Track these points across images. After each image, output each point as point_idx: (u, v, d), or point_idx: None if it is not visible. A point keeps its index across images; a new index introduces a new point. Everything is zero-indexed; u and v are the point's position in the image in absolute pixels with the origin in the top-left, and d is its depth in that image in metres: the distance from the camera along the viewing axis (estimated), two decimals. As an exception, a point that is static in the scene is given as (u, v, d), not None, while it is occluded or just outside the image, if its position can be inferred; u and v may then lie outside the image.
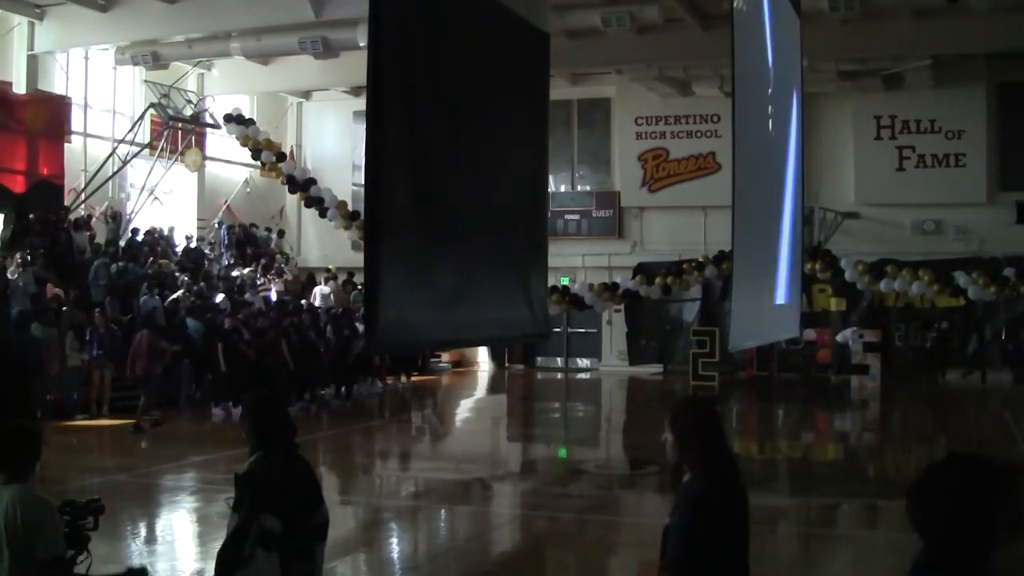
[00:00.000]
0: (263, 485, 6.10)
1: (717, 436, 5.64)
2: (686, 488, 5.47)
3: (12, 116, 29.72)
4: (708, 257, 33.74)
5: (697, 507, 5.34)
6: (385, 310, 8.58)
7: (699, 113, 36.72)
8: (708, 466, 5.50)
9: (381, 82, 8.59)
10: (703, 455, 5.53)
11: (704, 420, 5.69)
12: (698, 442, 5.57)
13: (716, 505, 5.39)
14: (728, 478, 5.58)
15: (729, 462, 5.65)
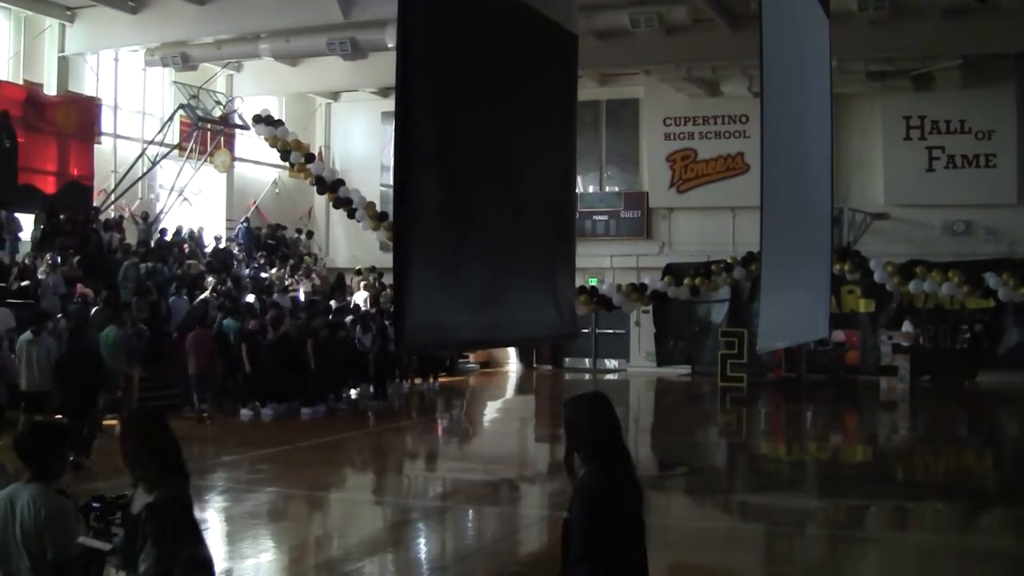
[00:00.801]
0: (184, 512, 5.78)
1: (612, 430, 5.68)
2: (583, 482, 5.53)
3: (43, 117, 29.88)
4: (736, 258, 33.68)
5: (595, 501, 5.42)
6: (414, 311, 8.59)
7: (727, 114, 36.65)
8: (604, 460, 5.55)
9: (409, 83, 8.60)
10: (598, 449, 5.58)
11: (598, 414, 5.72)
12: (593, 436, 5.61)
13: (613, 499, 5.47)
14: (624, 472, 5.62)
15: (624, 456, 5.68)
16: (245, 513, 15.27)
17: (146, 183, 33.58)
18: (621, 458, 5.65)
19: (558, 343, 33.58)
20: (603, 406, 5.77)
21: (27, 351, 19.05)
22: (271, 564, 12.54)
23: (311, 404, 25.02)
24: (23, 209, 28.34)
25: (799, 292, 17.98)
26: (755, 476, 19.37)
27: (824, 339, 28.59)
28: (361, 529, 15.15)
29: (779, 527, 14.63)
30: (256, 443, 21.39)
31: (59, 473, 5.94)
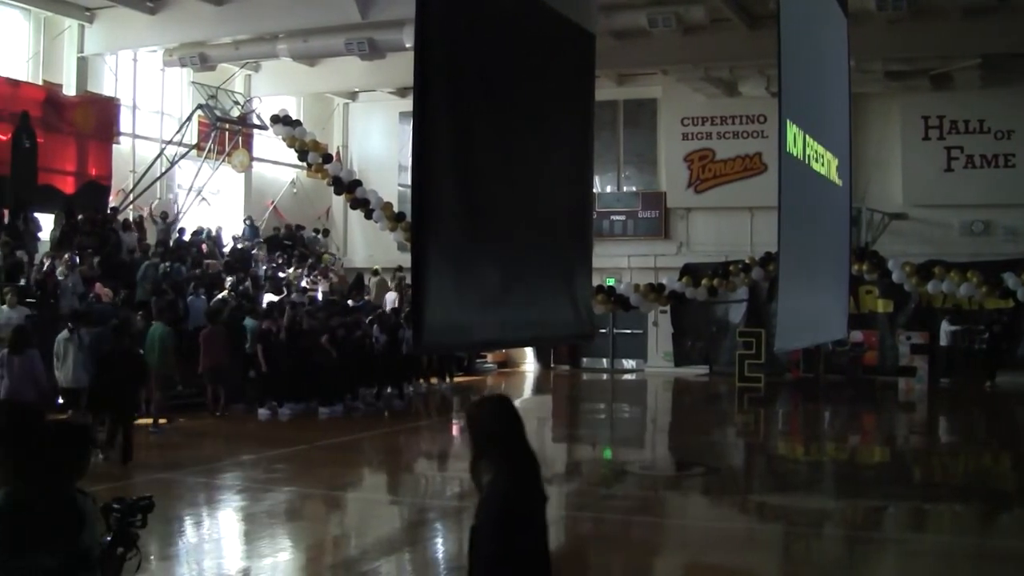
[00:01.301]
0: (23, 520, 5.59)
1: (517, 434, 5.67)
2: (489, 488, 5.48)
3: (62, 118, 29.98)
4: (754, 258, 33.62)
5: (502, 507, 5.38)
6: (431, 310, 8.59)
7: (745, 113, 36.62)
8: (510, 465, 5.53)
9: (427, 83, 8.60)
10: (504, 453, 5.56)
11: (505, 418, 5.71)
12: (498, 441, 5.60)
13: (524, 504, 5.45)
14: (530, 476, 5.62)
15: (530, 460, 5.66)
16: (262, 512, 15.30)
17: (164, 183, 33.69)
18: (528, 462, 5.64)
19: (575, 343, 33.53)
20: (508, 409, 5.78)
21: (64, 348, 19.26)
22: (288, 563, 12.56)
23: (328, 404, 25.05)
24: (42, 209, 28.46)
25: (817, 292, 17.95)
26: (773, 477, 19.35)
27: (842, 339, 28.58)
28: (378, 529, 15.17)
29: (797, 528, 14.60)
30: (273, 442, 21.43)
31: (80, 473, 5.94)
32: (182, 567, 11.97)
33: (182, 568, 11.94)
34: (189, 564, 12.15)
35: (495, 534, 5.33)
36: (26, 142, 28.31)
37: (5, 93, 28.30)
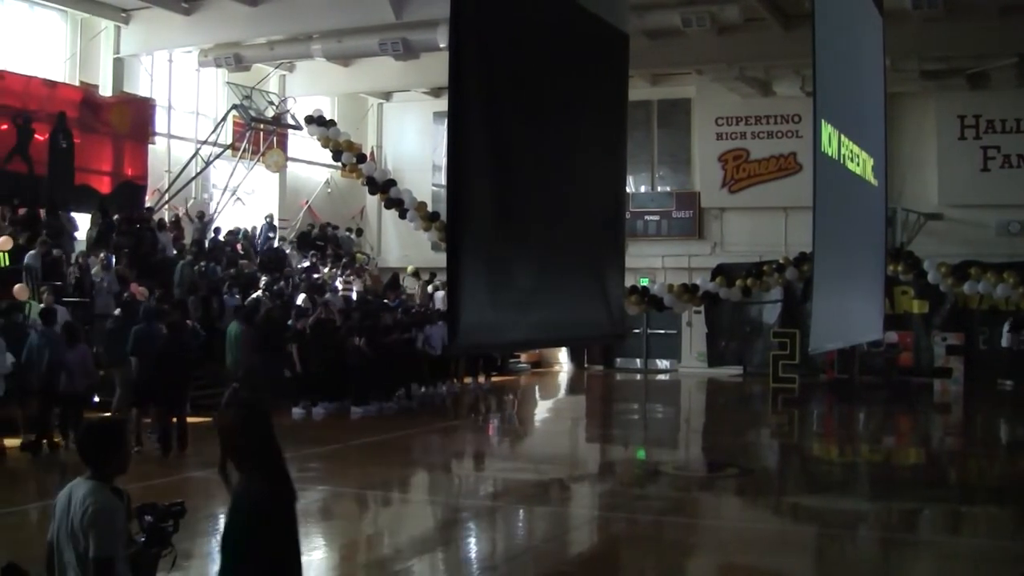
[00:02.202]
0: None
1: (268, 437, 5.73)
2: (242, 491, 5.63)
3: (98, 118, 30.15)
4: (788, 258, 33.45)
5: (258, 509, 5.53)
6: (466, 311, 8.61)
7: (780, 113, 36.49)
8: (260, 467, 5.64)
9: (462, 83, 8.62)
10: (254, 456, 5.66)
11: (254, 422, 5.79)
12: (249, 444, 5.69)
13: (275, 507, 5.61)
14: (281, 479, 5.73)
15: (280, 462, 5.75)
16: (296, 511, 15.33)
17: (199, 183, 33.84)
18: (278, 466, 5.73)
19: (608, 343, 33.52)
20: (260, 413, 5.87)
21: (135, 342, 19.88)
22: (322, 562, 12.58)
23: (362, 403, 25.09)
24: (79, 209, 28.63)
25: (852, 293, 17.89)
26: (807, 478, 19.28)
27: (877, 340, 28.43)
28: (411, 528, 15.19)
29: (831, 530, 14.55)
30: (307, 442, 21.46)
31: (117, 472, 5.98)
32: (215, 566, 11.98)
33: (215, 567, 11.95)
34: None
35: (249, 537, 5.52)
36: (63, 142, 28.48)
37: (42, 94, 28.46)
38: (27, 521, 14.22)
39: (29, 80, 28.32)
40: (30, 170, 27.65)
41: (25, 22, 29.46)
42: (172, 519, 6.16)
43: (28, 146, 27.69)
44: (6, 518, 13.85)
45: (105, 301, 24.31)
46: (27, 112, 27.65)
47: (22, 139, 27.58)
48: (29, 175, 27.61)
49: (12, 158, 27.32)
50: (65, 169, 28.53)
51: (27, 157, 27.64)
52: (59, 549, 5.86)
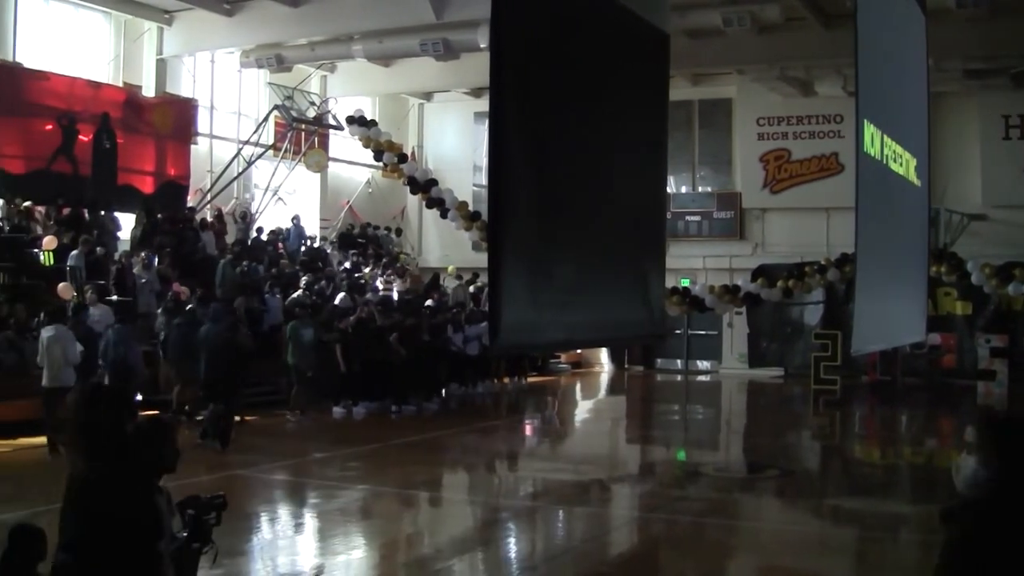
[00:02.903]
0: None
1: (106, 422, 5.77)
2: (72, 475, 5.69)
3: (141, 119, 30.35)
4: (830, 259, 33.26)
5: (80, 494, 5.59)
6: (508, 311, 8.62)
7: (821, 113, 36.31)
8: (95, 453, 5.69)
9: (502, 84, 8.63)
10: (90, 442, 5.72)
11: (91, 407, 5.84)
12: (86, 429, 5.75)
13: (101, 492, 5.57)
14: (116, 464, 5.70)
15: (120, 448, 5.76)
16: (336, 510, 15.40)
17: (241, 183, 34.00)
18: (113, 451, 5.73)
19: (648, 343, 33.47)
20: (98, 398, 5.92)
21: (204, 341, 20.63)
22: (362, 561, 12.62)
23: (402, 403, 25.14)
24: (122, 209, 28.82)
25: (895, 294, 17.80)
26: (848, 480, 19.19)
27: (920, 342, 28.25)
28: (451, 527, 15.21)
29: (872, 532, 14.47)
30: (347, 441, 21.56)
31: (166, 469, 6.01)
32: (256, 563, 12.07)
33: (256, 564, 12.03)
34: (263, 560, 12.24)
35: (73, 520, 5.57)
36: (106, 143, 28.69)
37: (86, 95, 28.68)
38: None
39: (73, 81, 28.55)
40: (74, 170, 27.88)
41: (70, 24, 29.68)
42: (214, 512, 6.19)
43: (72, 146, 27.92)
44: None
45: (147, 300, 24.50)
46: (71, 113, 27.88)
47: (67, 140, 27.81)
48: (73, 175, 27.84)
49: (57, 158, 27.55)
50: (108, 169, 28.75)
51: (71, 157, 27.87)
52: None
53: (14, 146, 26.98)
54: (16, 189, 26.26)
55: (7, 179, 26.37)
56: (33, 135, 27.41)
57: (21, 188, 26.41)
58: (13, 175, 26.62)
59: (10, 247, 24.99)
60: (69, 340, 18.70)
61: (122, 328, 20.77)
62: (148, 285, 25.24)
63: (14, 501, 14.19)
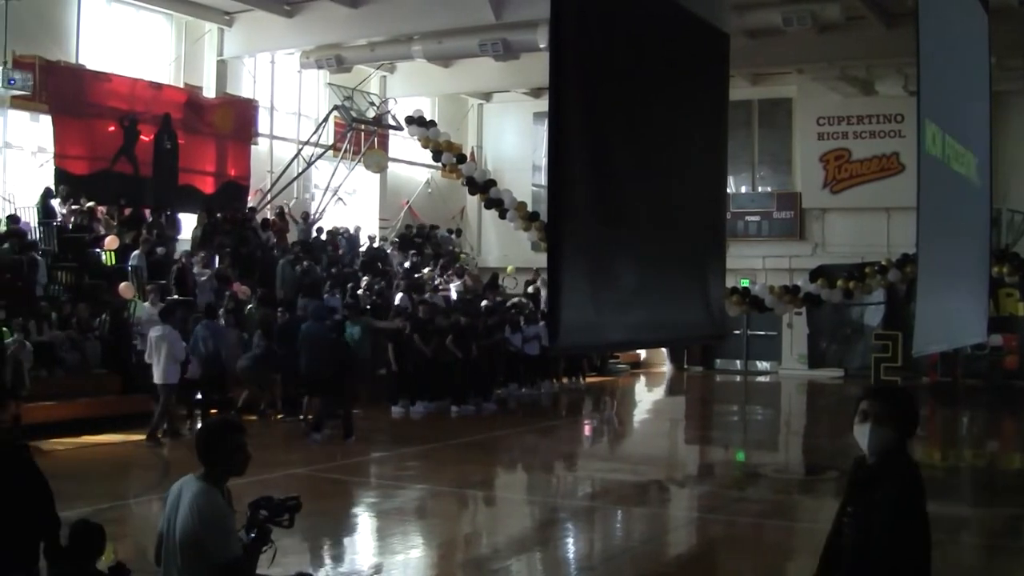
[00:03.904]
0: None
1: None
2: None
3: (202, 119, 30.60)
4: (891, 260, 32.98)
5: None
6: (567, 311, 8.62)
7: (882, 113, 36.05)
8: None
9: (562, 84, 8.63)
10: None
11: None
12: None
13: None
14: None
15: None
16: (394, 509, 15.46)
17: (301, 183, 34.19)
18: None
19: (708, 344, 33.36)
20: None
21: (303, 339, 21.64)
22: (420, 560, 12.67)
23: (461, 402, 25.18)
24: (183, 209, 29.11)
25: (956, 295, 17.63)
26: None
27: (981, 343, 27.97)
28: (508, 527, 15.23)
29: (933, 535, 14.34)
30: (405, 440, 21.63)
31: (231, 473, 6.06)
32: (315, 562, 12.14)
33: (315, 563, 12.10)
34: (322, 559, 12.31)
35: None
36: (167, 143, 28.94)
37: (148, 96, 28.94)
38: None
39: (135, 82, 28.82)
40: (135, 171, 28.14)
41: (131, 25, 29.97)
42: (287, 513, 6.21)
43: (134, 147, 28.18)
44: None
45: (207, 299, 24.68)
46: (133, 114, 28.15)
47: (128, 140, 28.07)
48: (135, 176, 28.11)
49: (119, 159, 27.82)
50: (169, 170, 29.00)
51: (133, 158, 28.13)
52: (168, 541, 5.97)
53: (77, 147, 27.26)
54: (79, 190, 26.52)
55: (70, 180, 26.65)
56: (96, 136, 27.69)
57: (84, 189, 26.68)
58: (76, 176, 26.91)
59: (73, 247, 25.30)
60: (175, 338, 19.64)
61: (212, 323, 21.54)
62: (207, 284, 25.45)
63: (79, 499, 14.36)
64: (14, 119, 26.56)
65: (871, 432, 5.40)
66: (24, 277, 22.44)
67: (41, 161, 26.99)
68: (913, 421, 5.56)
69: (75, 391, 20.79)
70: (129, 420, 20.74)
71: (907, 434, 5.52)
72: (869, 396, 5.49)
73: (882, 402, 5.45)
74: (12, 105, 26.09)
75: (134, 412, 21.12)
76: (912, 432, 5.56)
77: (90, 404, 20.75)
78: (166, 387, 19.67)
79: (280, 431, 21.90)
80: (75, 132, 27.33)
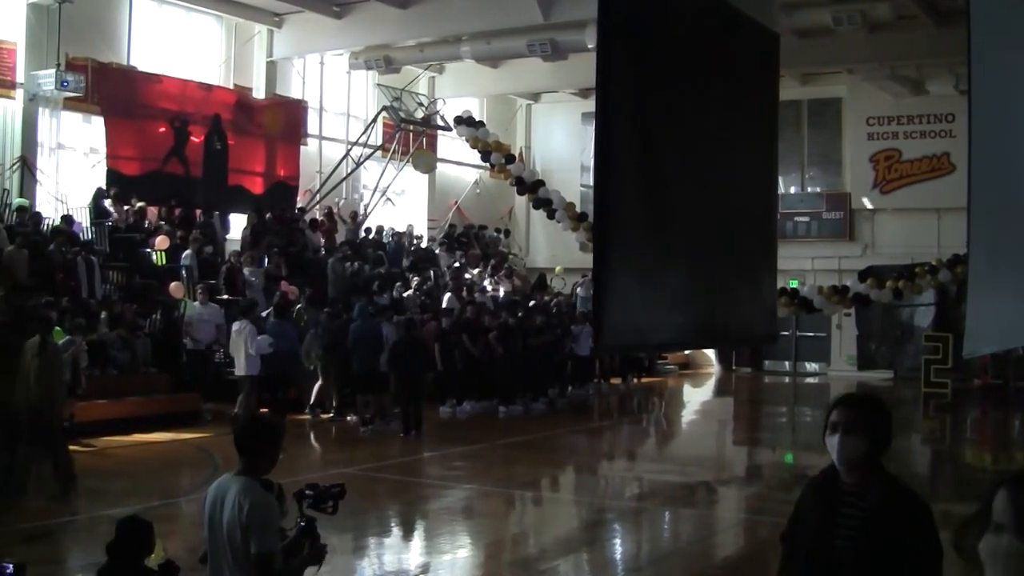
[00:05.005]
0: None
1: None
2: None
3: (252, 120, 30.78)
4: (941, 260, 32.76)
5: None
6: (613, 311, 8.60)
7: (933, 112, 35.80)
8: None
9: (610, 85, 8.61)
10: None
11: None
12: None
13: None
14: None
15: None
16: (442, 509, 15.48)
17: (350, 184, 34.31)
18: None
19: (758, 345, 33.21)
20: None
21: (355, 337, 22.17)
22: (467, 560, 12.68)
23: (508, 403, 25.18)
24: (232, 209, 29.32)
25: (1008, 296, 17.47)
26: (958, 485, 18.90)
27: (1034, 344, 27.70)
28: (556, 528, 15.22)
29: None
30: (453, 440, 21.65)
31: (268, 467, 6.08)
32: (363, 561, 12.18)
33: (363, 562, 12.15)
34: (370, 559, 12.35)
35: None
36: (217, 144, 29.16)
37: (198, 97, 29.16)
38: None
39: (186, 84, 29.05)
40: (186, 171, 28.37)
41: (182, 27, 30.20)
42: (332, 500, 6.23)
43: (184, 148, 28.42)
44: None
45: (255, 299, 24.82)
46: (184, 115, 28.38)
47: (179, 141, 28.31)
48: (185, 176, 28.34)
49: (169, 159, 28.07)
50: (219, 170, 29.22)
51: (183, 159, 28.37)
52: (215, 540, 5.99)
53: (129, 148, 27.51)
54: (131, 190, 26.74)
55: (122, 180, 26.88)
56: (147, 137, 27.93)
57: (135, 189, 26.89)
58: (128, 176, 27.14)
59: (124, 247, 25.51)
60: (252, 334, 20.41)
61: (280, 322, 21.97)
62: (256, 284, 25.59)
63: (129, 497, 14.48)
64: (67, 120, 26.82)
65: (840, 443, 5.04)
66: (77, 277, 22.63)
67: (93, 162, 27.25)
68: (887, 431, 5.21)
69: (126, 390, 20.98)
70: (179, 418, 20.94)
71: (881, 446, 5.18)
72: (838, 405, 5.12)
73: (852, 411, 5.09)
74: (65, 107, 26.35)
75: (184, 411, 21.35)
76: (887, 444, 5.21)
77: (141, 403, 20.92)
78: (248, 379, 20.61)
79: (329, 430, 22.00)
80: (127, 133, 27.57)
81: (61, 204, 26.00)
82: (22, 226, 23.70)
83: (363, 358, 21.87)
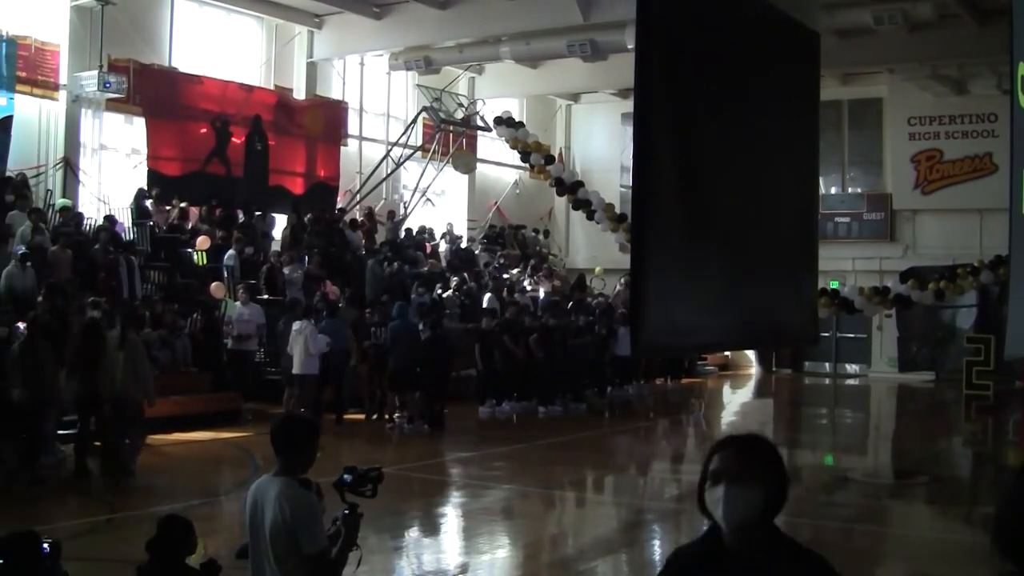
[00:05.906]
0: None
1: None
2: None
3: (293, 121, 30.92)
4: (984, 262, 32.52)
5: None
6: (651, 312, 8.57)
7: (975, 112, 35.54)
8: None
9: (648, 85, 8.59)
10: None
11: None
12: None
13: None
14: None
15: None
16: (480, 509, 15.50)
17: (390, 184, 34.39)
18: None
19: (798, 346, 33.08)
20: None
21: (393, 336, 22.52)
22: (506, 560, 12.69)
23: (548, 403, 25.18)
24: (273, 209, 29.45)
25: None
26: (1001, 488, 18.75)
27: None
28: (595, 528, 15.22)
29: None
30: (492, 440, 21.68)
31: (306, 467, 6.11)
32: (402, 561, 12.21)
33: (402, 562, 12.18)
34: (409, 558, 12.38)
35: None
36: (258, 144, 29.32)
37: (239, 98, 29.31)
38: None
39: (227, 85, 29.21)
40: (227, 172, 28.54)
41: (223, 29, 30.38)
42: (370, 484, 6.23)
43: (226, 148, 28.60)
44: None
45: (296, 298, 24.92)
46: (225, 115, 28.55)
47: (220, 142, 28.48)
48: (226, 176, 28.51)
49: (211, 160, 28.24)
50: (260, 171, 29.37)
51: (225, 159, 28.53)
52: (258, 541, 6.02)
53: (170, 148, 27.69)
54: (172, 191, 26.90)
55: (163, 181, 27.06)
56: (188, 137, 28.12)
57: (176, 189, 27.06)
58: (169, 177, 27.32)
59: (166, 247, 25.67)
60: (311, 333, 20.62)
61: (333, 321, 22.24)
62: (297, 284, 25.69)
63: (171, 495, 14.57)
64: (109, 121, 27.01)
65: (727, 497, 3.98)
66: (118, 277, 22.77)
67: (135, 163, 27.44)
68: (782, 482, 4.01)
69: (167, 389, 21.04)
70: (219, 418, 21.06)
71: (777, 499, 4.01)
72: (721, 449, 4.10)
73: (740, 455, 4.03)
74: (107, 108, 26.54)
75: (224, 410, 21.47)
76: (783, 497, 4.02)
77: (182, 402, 21.02)
78: (304, 377, 20.78)
79: (364, 430, 22.06)
80: (168, 134, 27.75)
81: (103, 205, 26.19)
82: (65, 226, 23.88)
83: (400, 357, 21.98)
